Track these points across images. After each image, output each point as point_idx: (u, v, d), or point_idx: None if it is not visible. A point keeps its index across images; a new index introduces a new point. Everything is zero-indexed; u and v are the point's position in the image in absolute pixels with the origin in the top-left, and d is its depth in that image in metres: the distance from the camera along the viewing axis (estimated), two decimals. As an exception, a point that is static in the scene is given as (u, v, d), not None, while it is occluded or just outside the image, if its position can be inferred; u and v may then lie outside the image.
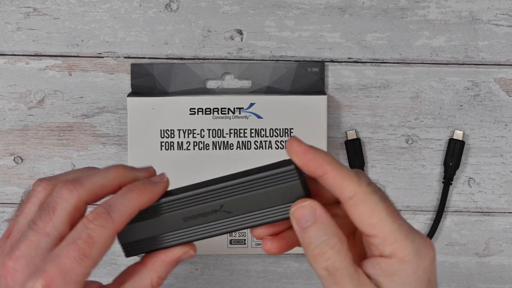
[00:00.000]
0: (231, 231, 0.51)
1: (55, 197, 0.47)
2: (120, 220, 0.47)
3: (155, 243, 0.51)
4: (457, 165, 0.73)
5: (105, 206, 0.47)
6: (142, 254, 0.51)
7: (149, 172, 0.51)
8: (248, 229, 0.56)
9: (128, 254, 0.51)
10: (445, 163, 0.73)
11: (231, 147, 0.71)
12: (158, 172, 0.52)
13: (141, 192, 0.48)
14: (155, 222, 0.51)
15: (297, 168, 0.48)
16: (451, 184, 0.73)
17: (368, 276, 0.46)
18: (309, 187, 0.49)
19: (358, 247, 0.50)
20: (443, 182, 0.73)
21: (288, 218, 0.48)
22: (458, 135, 0.72)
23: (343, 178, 0.45)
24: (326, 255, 0.46)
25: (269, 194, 0.49)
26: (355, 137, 0.73)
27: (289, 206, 0.48)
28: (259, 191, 0.49)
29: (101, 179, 0.48)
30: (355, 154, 0.73)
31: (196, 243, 0.51)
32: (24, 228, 0.47)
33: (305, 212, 0.46)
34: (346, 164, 0.73)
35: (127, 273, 0.50)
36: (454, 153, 0.73)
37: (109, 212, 0.46)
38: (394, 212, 0.46)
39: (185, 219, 0.51)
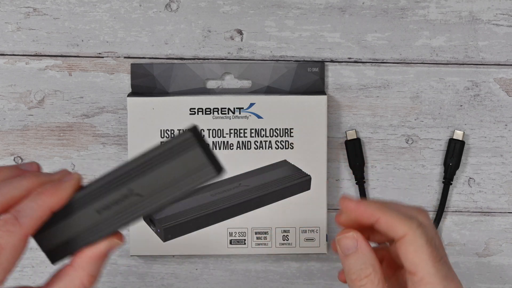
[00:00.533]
0: (148, 213, 0.50)
1: None
2: (29, 224, 0.46)
3: (77, 242, 0.50)
4: (457, 165, 0.73)
5: (12, 212, 0.46)
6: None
7: (62, 174, 0.50)
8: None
9: (53, 260, 0.50)
10: (445, 163, 0.73)
11: (231, 147, 0.71)
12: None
13: (49, 193, 0.48)
14: (72, 221, 0.50)
15: (195, 135, 0.48)
16: (451, 184, 0.73)
17: None
18: (367, 232, 0.54)
19: (402, 283, 0.55)
20: (443, 182, 0.73)
21: (197, 188, 0.48)
22: (458, 135, 0.72)
23: (393, 222, 0.52)
24: (361, 281, 0.52)
25: (174, 167, 0.49)
26: (355, 137, 0.73)
27: (196, 175, 0.48)
28: (162, 167, 0.49)
29: (12, 190, 0.47)
30: (355, 154, 0.73)
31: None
32: None
33: (348, 242, 0.53)
34: (346, 163, 0.73)
35: (57, 276, 0.49)
36: (454, 153, 0.73)
37: (16, 218, 0.46)
38: (436, 256, 0.51)
39: (99, 211, 0.50)
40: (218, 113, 0.71)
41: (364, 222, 0.53)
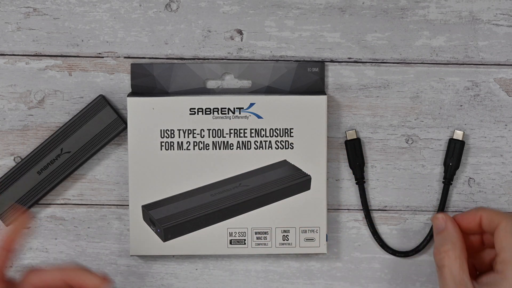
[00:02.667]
0: (78, 166, 0.71)
1: None
2: None
3: (28, 201, 0.71)
4: (457, 165, 0.73)
5: None
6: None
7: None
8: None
9: (5, 220, 0.70)
10: (445, 163, 0.73)
11: (231, 147, 0.71)
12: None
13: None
14: (18, 186, 0.70)
15: (104, 97, 0.71)
16: (451, 184, 0.73)
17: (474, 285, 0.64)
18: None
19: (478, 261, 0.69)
20: (443, 182, 0.73)
21: (111, 140, 0.72)
22: (458, 135, 0.72)
23: (492, 215, 0.66)
24: (441, 254, 0.65)
25: (92, 125, 0.71)
26: (355, 137, 0.73)
27: (110, 128, 0.70)
28: (83, 127, 0.70)
29: None
30: (355, 154, 0.73)
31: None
32: None
33: (438, 222, 0.67)
34: (346, 163, 0.73)
35: None
36: (454, 153, 0.72)
37: None
38: None
39: (39, 172, 0.70)
40: (218, 113, 0.71)
41: (471, 226, 0.67)
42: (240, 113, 0.71)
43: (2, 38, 0.73)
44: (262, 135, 0.71)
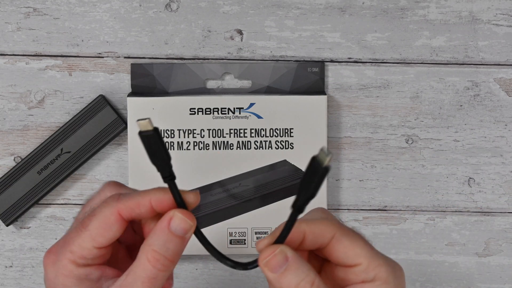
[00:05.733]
0: (78, 166, 0.71)
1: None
2: (125, 203, 0.49)
3: (28, 201, 0.71)
4: (313, 194, 0.50)
5: (121, 192, 0.50)
6: None
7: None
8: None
9: (7, 221, 0.71)
10: (301, 186, 0.51)
11: (231, 147, 0.71)
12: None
13: (159, 189, 0.51)
14: (18, 186, 0.71)
15: (104, 97, 0.71)
16: (301, 213, 0.50)
17: None
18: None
19: (328, 283, 0.53)
20: (291, 208, 0.50)
21: (112, 139, 0.70)
22: (323, 157, 0.49)
23: (319, 227, 0.50)
24: None
25: (92, 125, 0.71)
26: (150, 128, 0.50)
27: (110, 128, 0.71)
28: (83, 127, 0.71)
29: (139, 195, 0.50)
30: (152, 148, 0.50)
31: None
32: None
33: (278, 259, 0.49)
34: (346, 164, 0.73)
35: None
36: (314, 178, 0.50)
37: (119, 195, 0.49)
38: (368, 242, 0.51)
39: (39, 172, 0.70)
40: (218, 113, 0.71)
41: (294, 243, 0.50)
42: (240, 113, 0.71)
43: (2, 38, 0.73)
44: (262, 135, 0.71)
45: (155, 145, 0.49)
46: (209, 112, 0.71)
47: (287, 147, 0.71)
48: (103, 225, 0.48)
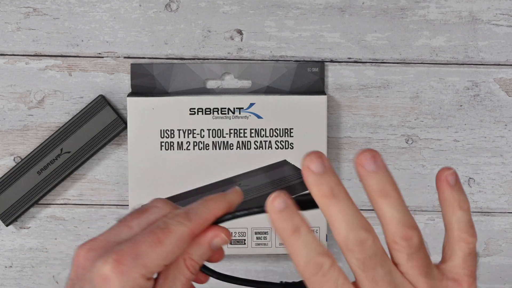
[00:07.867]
0: (78, 166, 0.71)
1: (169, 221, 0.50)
2: (197, 221, 0.50)
3: (27, 201, 0.71)
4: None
5: (184, 209, 0.50)
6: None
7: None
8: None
9: (6, 221, 0.71)
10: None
11: (231, 147, 0.71)
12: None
13: (215, 200, 0.51)
14: (18, 186, 0.71)
15: (104, 97, 0.71)
16: None
17: None
18: None
19: None
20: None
21: (113, 138, 0.72)
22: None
23: None
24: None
25: (92, 125, 0.71)
26: None
27: (110, 128, 0.71)
28: (83, 127, 0.71)
29: (205, 212, 0.51)
30: None
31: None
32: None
33: (280, 200, 0.49)
34: (346, 163, 0.73)
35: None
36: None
37: (187, 213, 0.50)
38: None
39: (39, 172, 0.70)
40: (218, 113, 0.71)
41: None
42: (240, 113, 0.71)
43: (2, 38, 0.73)
44: (262, 135, 0.71)
45: None
46: (209, 112, 0.71)
47: (287, 147, 0.71)
48: (179, 243, 0.49)
